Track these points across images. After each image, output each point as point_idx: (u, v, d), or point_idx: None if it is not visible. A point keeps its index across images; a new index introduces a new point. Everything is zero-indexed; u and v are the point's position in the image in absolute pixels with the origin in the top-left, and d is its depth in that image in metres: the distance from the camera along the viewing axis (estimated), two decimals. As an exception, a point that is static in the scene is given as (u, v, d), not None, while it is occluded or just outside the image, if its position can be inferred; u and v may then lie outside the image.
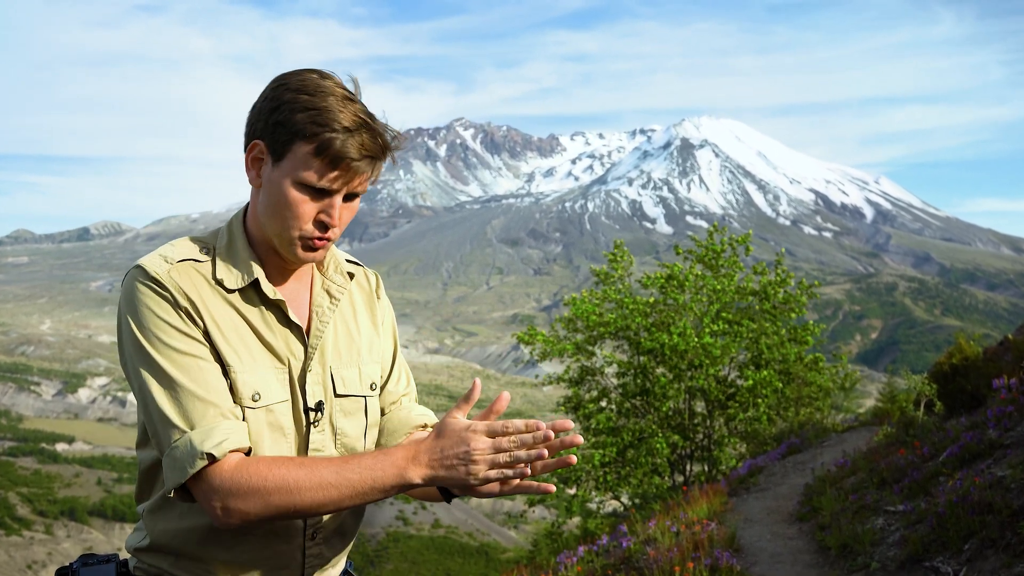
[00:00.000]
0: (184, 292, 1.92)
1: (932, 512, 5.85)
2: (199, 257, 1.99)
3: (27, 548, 70.28)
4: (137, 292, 1.91)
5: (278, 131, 1.89)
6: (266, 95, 1.92)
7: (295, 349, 2.03)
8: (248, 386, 1.93)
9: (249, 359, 1.95)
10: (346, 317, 2.17)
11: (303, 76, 1.91)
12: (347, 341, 2.14)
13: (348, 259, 2.24)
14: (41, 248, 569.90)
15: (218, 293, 1.97)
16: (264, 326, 1.99)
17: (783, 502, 9.67)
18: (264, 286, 1.99)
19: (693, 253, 17.67)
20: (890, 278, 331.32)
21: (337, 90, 1.90)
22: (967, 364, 10.90)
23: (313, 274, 2.12)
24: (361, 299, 2.24)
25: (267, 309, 2.01)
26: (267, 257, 2.03)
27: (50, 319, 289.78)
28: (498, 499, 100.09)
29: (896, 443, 9.62)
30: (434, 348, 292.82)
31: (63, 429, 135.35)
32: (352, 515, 2.17)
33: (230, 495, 1.79)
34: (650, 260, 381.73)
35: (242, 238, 2.03)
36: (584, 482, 16.12)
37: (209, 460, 1.79)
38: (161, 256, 1.96)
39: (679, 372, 15.87)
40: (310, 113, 1.85)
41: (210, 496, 1.81)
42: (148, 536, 2.01)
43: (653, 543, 7.67)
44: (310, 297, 2.10)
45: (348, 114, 1.87)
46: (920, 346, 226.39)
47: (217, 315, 1.94)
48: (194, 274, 1.96)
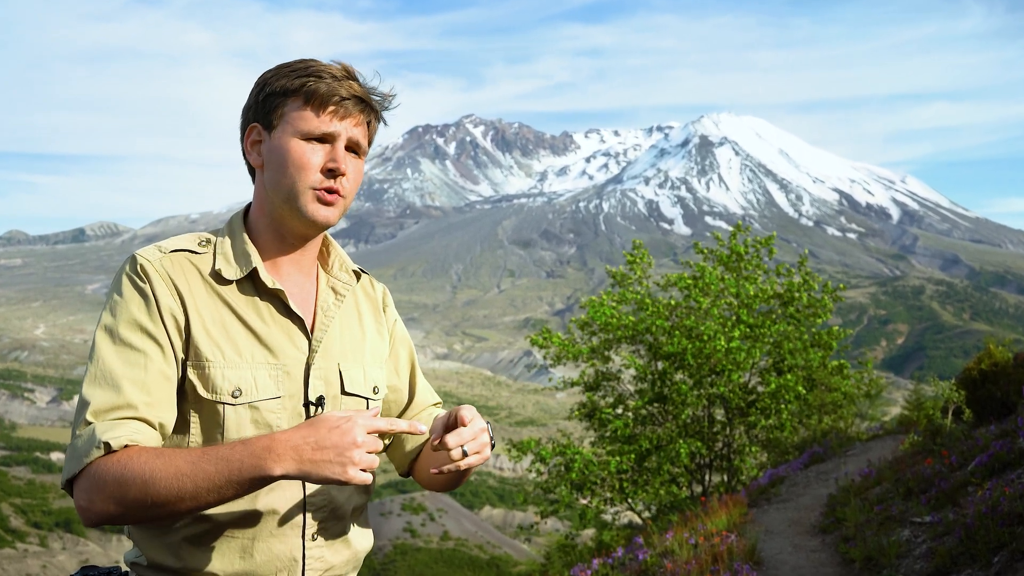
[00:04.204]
0: (172, 282, 1.95)
1: (960, 523, 5.86)
2: (196, 249, 2.03)
3: (21, 561, 70.36)
4: (119, 280, 1.97)
5: (267, 102, 2.01)
6: (252, 88, 2.05)
7: (298, 342, 2.05)
8: (228, 381, 1.94)
9: (233, 354, 1.96)
10: (351, 317, 2.21)
11: (284, 61, 2.04)
12: (352, 341, 2.17)
13: (358, 268, 2.29)
14: (35, 250, 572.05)
15: (209, 287, 2.00)
16: (258, 319, 2.02)
17: (805, 513, 9.68)
18: (262, 275, 2.02)
19: (715, 253, 17.64)
20: (917, 281, 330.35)
21: (320, 60, 2.03)
22: (997, 370, 10.90)
23: (318, 272, 2.18)
24: (367, 305, 2.29)
25: (264, 300, 2.04)
26: (269, 250, 2.08)
27: (44, 323, 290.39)
28: (510, 510, 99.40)
29: (923, 452, 9.63)
30: (443, 353, 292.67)
31: (58, 438, 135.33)
32: (358, 526, 2.18)
33: (95, 490, 1.75)
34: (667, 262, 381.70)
35: (241, 231, 2.08)
36: (599, 490, 16.10)
37: (105, 450, 1.75)
38: (156, 246, 2.02)
39: (700, 378, 15.85)
40: (294, 72, 1.99)
41: (82, 490, 1.77)
42: (143, 550, 1.99)
43: (670, 556, 7.69)
44: (316, 294, 2.15)
45: (332, 66, 2.01)
46: (948, 352, 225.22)
47: (203, 309, 1.97)
48: (187, 265, 2.00)
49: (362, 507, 2.18)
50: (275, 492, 1.97)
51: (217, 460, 1.73)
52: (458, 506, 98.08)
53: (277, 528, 2.00)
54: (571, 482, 15.85)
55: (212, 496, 1.74)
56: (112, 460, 1.74)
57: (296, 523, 2.02)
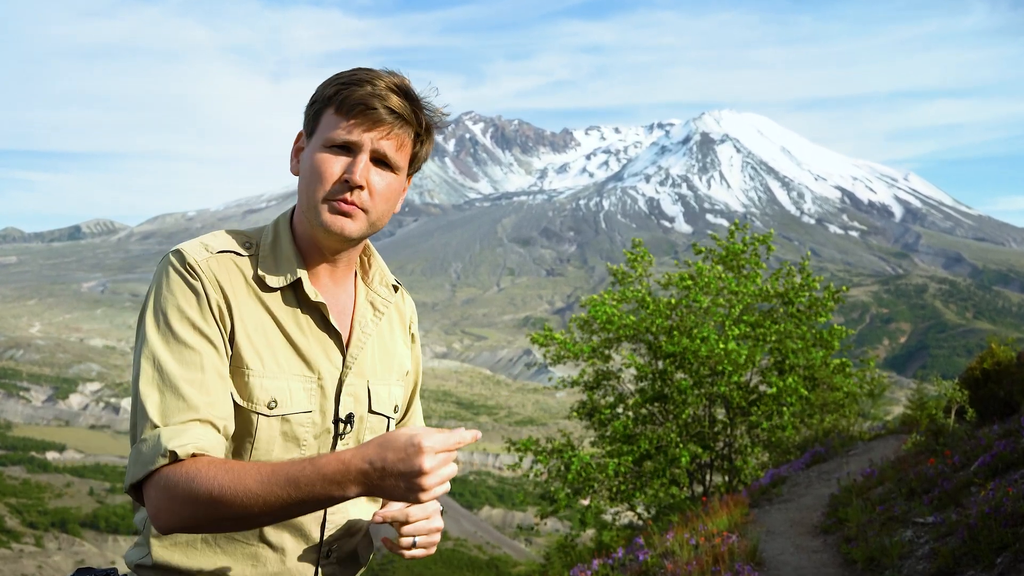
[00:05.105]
0: (219, 284, 1.91)
1: (963, 524, 5.86)
2: (240, 251, 1.99)
3: (16, 561, 70.32)
4: (166, 276, 1.91)
5: (310, 109, 1.97)
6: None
7: (333, 357, 2.02)
8: (266, 392, 1.92)
9: (273, 364, 1.94)
10: (384, 333, 2.19)
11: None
12: (384, 358, 2.16)
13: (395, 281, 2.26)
14: (31, 247, 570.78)
15: (252, 292, 1.96)
16: (298, 330, 1.98)
17: (807, 513, 9.68)
18: (307, 287, 1.98)
19: (713, 253, 17.61)
20: (920, 279, 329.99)
21: (376, 70, 1.96)
22: (1000, 369, 10.91)
23: (357, 284, 2.14)
24: (398, 320, 2.27)
25: (305, 312, 2.00)
26: (311, 258, 2.03)
27: (40, 322, 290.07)
28: (509, 510, 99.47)
29: (926, 452, 9.63)
30: (442, 352, 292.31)
31: (53, 437, 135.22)
32: (366, 538, 2.18)
33: (167, 499, 1.72)
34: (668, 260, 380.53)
35: (288, 236, 2.03)
36: (598, 492, 16.10)
37: (171, 459, 1.73)
38: (202, 244, 1.96)
39: (700, 378, 15.83)
40: (339, 79, 1.93)
41: (152, 498, 1.75)
42: (150, 552, 1.95)
43: (671, 556, 7.69)
44: (353, 308, 2.10)
45: (381, 75, 1.93)
46: (951, 350, 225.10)
47: (247, 314, 1.93)
48: (232, 268, 1.95)
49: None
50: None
51: (287, 483, 1.68)
52: (457, 506, 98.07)
53: (294, 542, 1.99)
54: (569, 484, 15.87)
55: (281, 514, 1.73)
56: (180, 470, 1.72)
57: (314, 539, 2.02)
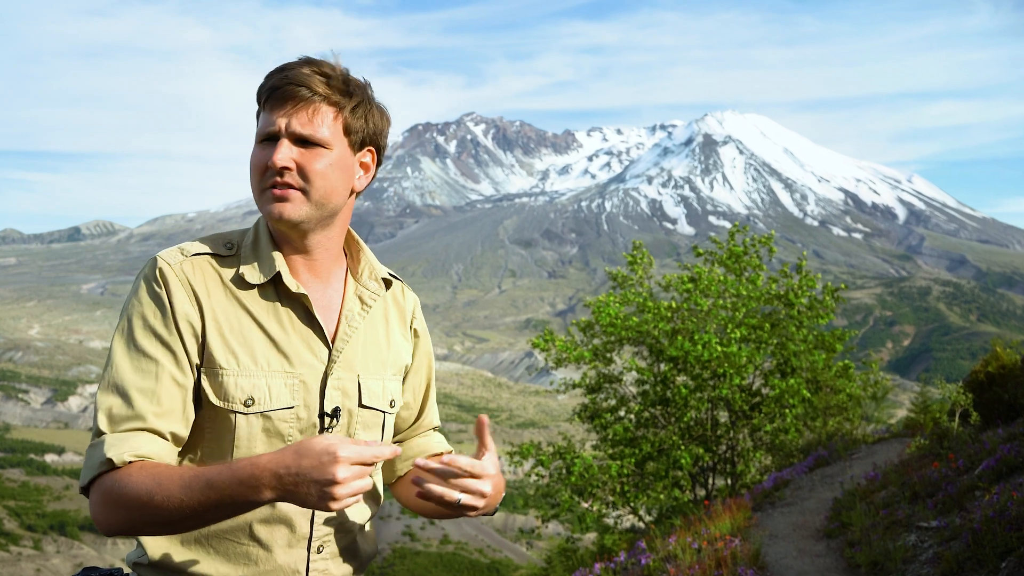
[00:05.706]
0: (191, 286, 1.94)
1: (967, 528, 5.85)
2: (221, 252, 2.02)
3: (15, 564, 70.36)
4: (137, 284, 1.96)
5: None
6: None
7: (318, 351, 2.03)
8: (242, 390, 1.93)
9: (249, 362, 1.95)
10: (377, 327, 2.18)
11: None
12: (376, 351, 2.15)
13: (390, 274, 2.25)
14: (30, 249, 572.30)
15: (229, 292, 1.98)
16: (278, 326, 2.00)
17: (810, 517, 9.66)
18: (286, 279, 1.99)
19: (714, 255, 17.58)
20: (923, 282, 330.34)
21: (292, 60, 1.98)
22: (1004, 372, 10.90)
23: (346, 279, 2.14)
24: (395, 314, 2.26)
25: (286, 306, 2.02)
26: (286, 253, 2.04)
27: (39, 323, 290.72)
28: (511, 513, 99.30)
29: (929, 455, 9.62)
30: (443, 355, 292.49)
31: (52, 439, 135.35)
32: (365, 536, 2.17)
33: (102, 504, 1.78)
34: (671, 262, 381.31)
35: (267, 235, 2.05)
36: (601, 493, 16.07)
37: (108, 466, 1.78)
38: (179, 249, 2.01)
39: (702, 381, 15.81)
40: (262, 83, 1.98)
41: (92, 502, 1.81)
42: (147, 551, 1.99)
43: (673, 560, 7.68)
44: (341, 302, 2.11)
45: (290, 66, 1.95)
46: (955, 353, 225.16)
47: (221, 314, 1.96)
48: (208, 269, 1.98)
49: (370, 517, 2.19)
50: (285, 503, 1.90)
51: (205, 487, 1.72)
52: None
53: (283, 538, 2.00)
54: (571, 486, 15.84)
55: (209, 516, 1.76)
56: (116, 477, 1.77)
57: (303, 535, 2.02)
